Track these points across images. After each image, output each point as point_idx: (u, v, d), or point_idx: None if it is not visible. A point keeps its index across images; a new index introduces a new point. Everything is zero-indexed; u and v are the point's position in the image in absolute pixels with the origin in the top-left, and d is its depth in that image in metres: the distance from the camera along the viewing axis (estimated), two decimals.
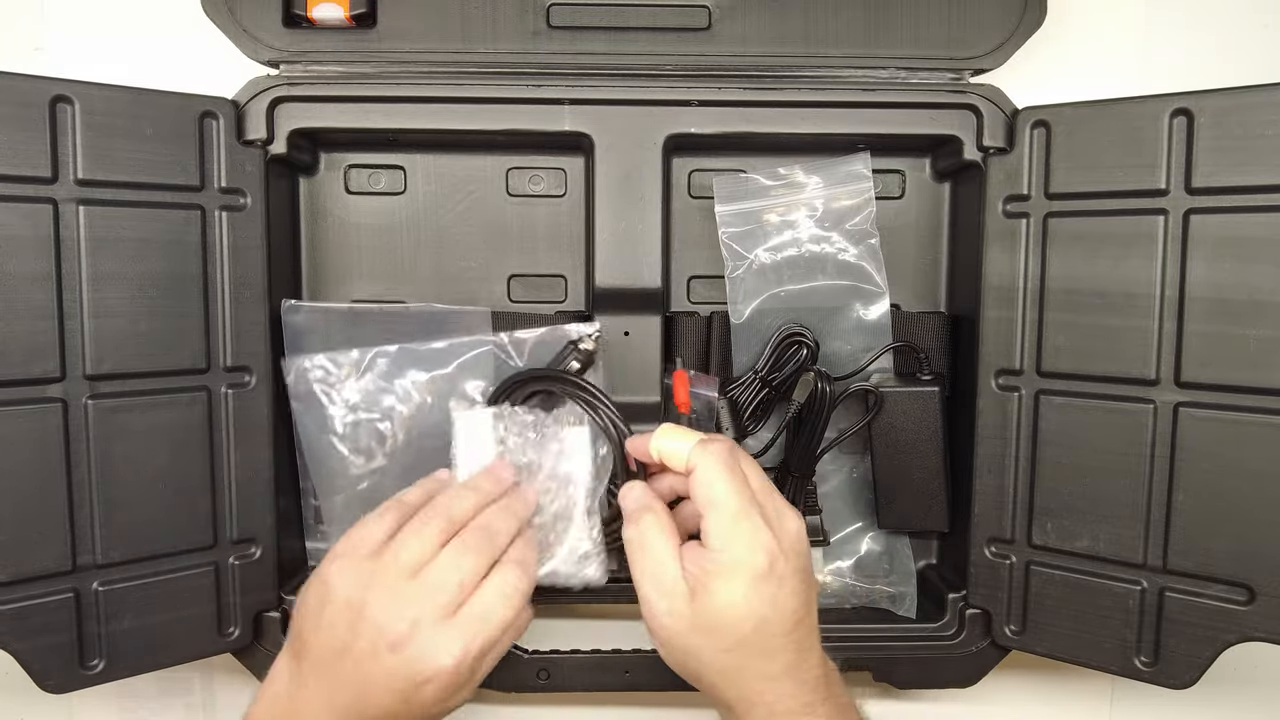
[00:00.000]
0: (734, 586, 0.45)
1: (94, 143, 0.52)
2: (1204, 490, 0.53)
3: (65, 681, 0.53)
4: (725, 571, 0.45)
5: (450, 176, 0.64)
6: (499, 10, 0.58)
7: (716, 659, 0.46)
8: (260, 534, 0.59)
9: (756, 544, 0.45)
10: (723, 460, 0.47)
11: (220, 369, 0.57)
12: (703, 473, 0.47)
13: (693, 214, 0.64)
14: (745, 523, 0.45)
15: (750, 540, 0.45)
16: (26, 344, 0.51)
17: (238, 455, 0.57)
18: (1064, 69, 0.65)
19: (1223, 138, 0.51)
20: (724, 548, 0.45)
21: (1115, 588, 0.56)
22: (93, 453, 0.53)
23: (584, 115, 0.59)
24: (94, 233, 0.52)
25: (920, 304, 0.65)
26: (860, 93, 0.59)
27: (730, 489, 0.46)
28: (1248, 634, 0.52)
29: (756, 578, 0.45)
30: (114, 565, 0.54)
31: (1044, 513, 0.58)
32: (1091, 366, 0.55)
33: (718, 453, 0.47)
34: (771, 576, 0.45)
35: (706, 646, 0.46)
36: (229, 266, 0.57)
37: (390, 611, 0.45)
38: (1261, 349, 0.51)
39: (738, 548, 0.45)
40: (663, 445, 0.50)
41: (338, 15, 0.57)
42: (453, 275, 0.65)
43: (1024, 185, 0.57)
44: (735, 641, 0.45)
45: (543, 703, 0.68)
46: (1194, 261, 0.52)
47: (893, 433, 0.62)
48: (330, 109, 0.58)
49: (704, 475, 0.47)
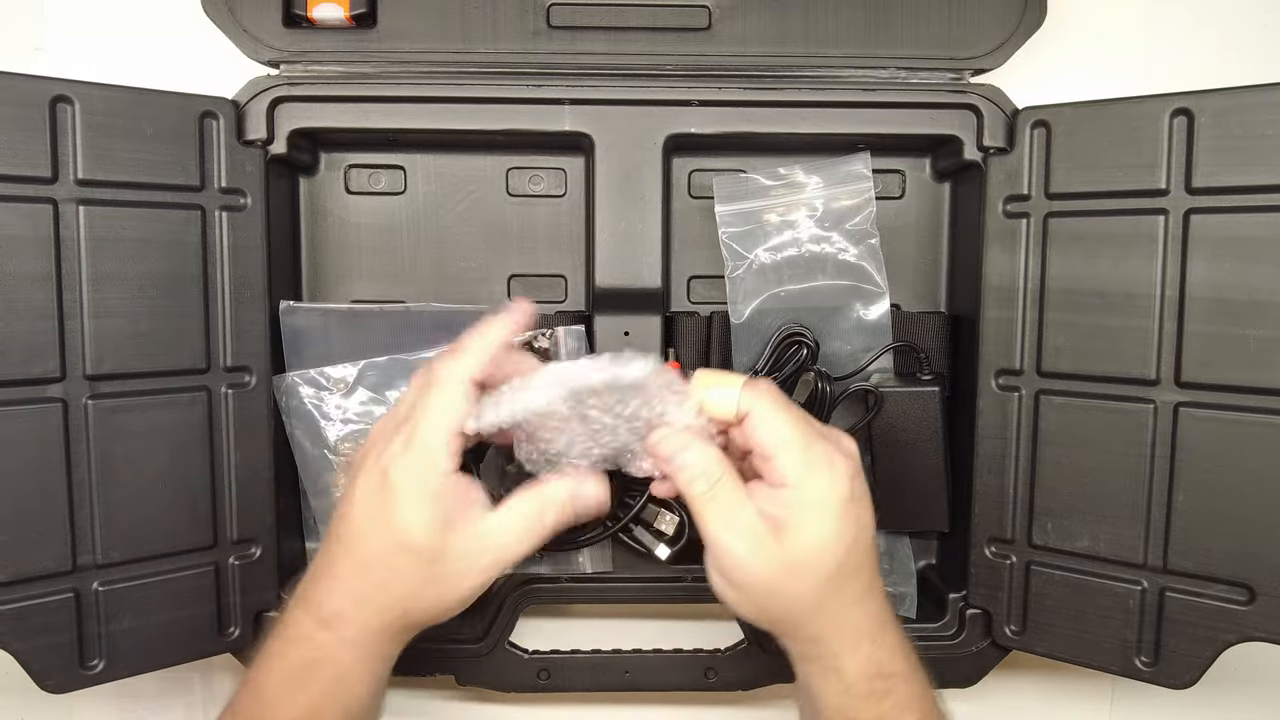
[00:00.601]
0: (824, 519, 0.44)
1: (94, 143, 0.52)
2: (1204, 490, 0.53)
3: (65, 681, 0.53)
4: (812, 506, 0.44)
5: (450, 176, 0.64)
6: (499, 10, 0.58)
7: (809, 592, 0.45)
8: (260, 534, 0.59)
9: (835, 472, 0.45)
10: (776, 398, 0.46)
11: (220, 369, 0.57)
12: (762, 415, 0.45)
13: (693, 214, 0.64)
14: (819, 455, 0.45)
15: (828, 470, 0.45)
16: (26, 344, 0.51)
17: (238, 455, 0.57)
18: (1064, 69, 0.65)
19: (1223, 138, 0.51)
20: (802, 483, 0.44)
21: (1115, 588, 0.56)
22: (93, 453, 0.53)
23: (584, 115, 0.59)
24: (94, 233, 0.52)
25: (920, 304, 0.65)
26: (860, 93, 0.59)
27: (793, 424, 0.45)
28: (1248, 634, 0.52)
29: (843, 504, 0.45)
30: (114, 565, 0.54)
31: (1044, 513, 0.58)
32: (1092, 366, 0.55)
33: (769, 391, 0.46)
34: (853, 499, 0.45)
35: (798, 582, 0.45)
36: (229, 266, 0.57)
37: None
38: (1262, 349, 0.51)
39: (819, 480, 0.45)
40: (707, 396, 0.47)
41: (338, 15, 0.57)
42: (453, 275, 0.65)
43: (1024, 185, 0.57)
44: (830, 572, 0.45)
45: (543, 702, 0.68)
46: (1194, 261, 0.52)
47: (893, 433, 0.62)
48: (330, 109, 0.58)
49: (764, 417, 0.45)
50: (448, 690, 0.66)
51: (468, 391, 0.45)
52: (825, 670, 0.46)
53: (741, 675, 0.63)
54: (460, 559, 0.44)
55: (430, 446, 0.44)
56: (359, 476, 0.46)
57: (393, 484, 0.44)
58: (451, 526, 0.44)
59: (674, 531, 0.60)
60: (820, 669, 0.47)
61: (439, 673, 0.62)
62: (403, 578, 0.44)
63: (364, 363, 0.61)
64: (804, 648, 0.47)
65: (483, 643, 0.62)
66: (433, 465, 0.44)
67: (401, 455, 0.44)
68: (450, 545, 0.44)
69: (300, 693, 0.45)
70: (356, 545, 0.45)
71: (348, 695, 0.45)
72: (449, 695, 0.68)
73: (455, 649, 0.61)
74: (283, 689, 0.45)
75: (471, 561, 0.45)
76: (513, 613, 0.62)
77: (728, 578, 0.46)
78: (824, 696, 0.47)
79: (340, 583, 0.45)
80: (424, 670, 0.61)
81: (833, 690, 0.46)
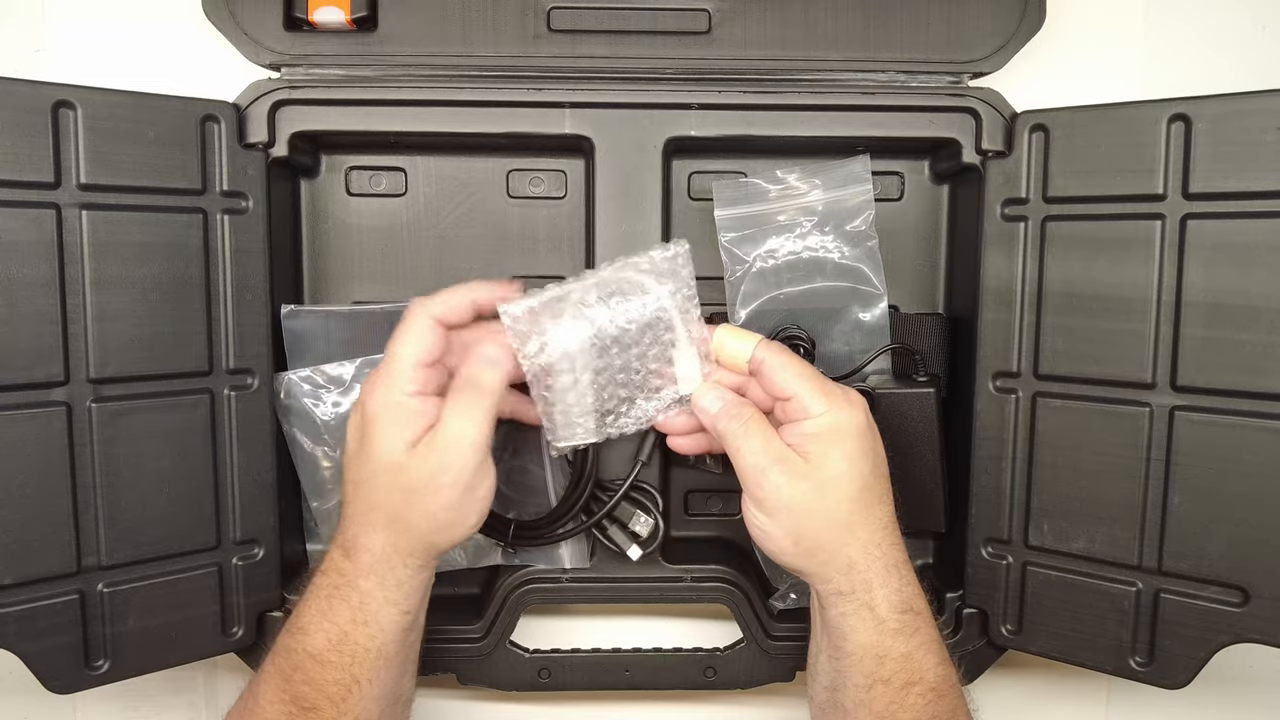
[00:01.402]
0: (847, 439, 0.49)
1: (96, 147, 0.52)
2: (1199, 493, 0.53)
3: (71, 682, 0.53)
4: (837, 429, 0.49)
5: (451, 179, 0.64)
6: (500, 13, 0.59)
7: (842, 510, 0.49)
8: (263, 534, 0.59)
9: (852, 405, 0.50)
10: (787, 350, 0.52)
11: (223, 371, 0.57)
12: (776, 359, 0.51)
13: (692, 216, 0.65)
14: (836, 390, 0.50)
15: (846, 402, 0.50)
16: (30, 348, 0.51)
17: (240, 457, 0.58)
18: (1063, 73, 0.65)
19: (1220, 143, 0.51)
20: (824, 410, 0.49)
21: (1111, 589, 0.56)
22: (97, 456, 0.53)
23: (584, 118, 0.59)
24: (97, 237, 0.52)
25: (919, 306, 0.66)
26: (859, 96, 0.59)
27: (807, 367, 0.51)
28: (1241, 635, 0.53)
29: (863, 428, 0.50)
30: (118, 567, 0.54)
31: (1041, 514, 0.58)
32: (1088, 369, 0.56)
33: (781, 345, 0.52)
34: (870, 426, 0.51)
35: (829, 499, 0.49)
36: (231, 269, 0.57)
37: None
38: (1257, 354, 0.51)
39: (839, 409, 0.49)
40: (725, 344, 0.53)
41: (338, 18, 0.57)
42: (454, 277, 0.64)
43: (1022, 189, 0.57)
44: (858, 489, 0.49)
45: (543, 701, 0.68)
46: (1191, 266, 0.53)
47: (890, 433, 0.61)
48: (331, 112, 0.59)
49: (779, 360, 0.51)
50: (449, 689, 0.67)
51: (433, 326, 0.50)
52: (859, 607, 0.49)
53: (741, 674, 0.63)
54: (428, 468, 0.48)
55: (395, 375, 0.49)
56: (352, 415, 0.51)
57: (367, 413, 0.50)
58: (415, 443, 0.48)
59: (648, 534, 0.61)
60: (854, 605, 0.49)
61: (440, 671, 0.62)
62: (388, 496, 0.49)
63: (360, 360, 0.61)
64: (839, 580, 0.49)
65: (484, 642, 0.62)
66: (397, 389, 0.49)
67: (373, 388, 0.50)
68: (416, 457, 0.48)
69: (328, 620, 0.49)
70: (351, 474, 0.51)
71: (373, 622, 0.49)
72: (450, 694, 0.69)
73: (456, 648, 0.62)
74: (315, 617, 0.50)
75: (439, 467, 0.48)
76: (513, 612, 0.63)
77: (764, 507, 0.50)
78: (856, 635, 0.49)
79: (350, 510, 0.50)
80: (426, 669, 0.61)
81: (866, 627, 0.49)
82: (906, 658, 0.49)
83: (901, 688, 0.49)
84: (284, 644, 0.50)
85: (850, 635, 0.49)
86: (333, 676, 0.49)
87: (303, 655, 0.49)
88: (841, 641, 0.50)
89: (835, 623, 0.50)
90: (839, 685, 0.51)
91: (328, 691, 0.48)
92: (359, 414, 0.50)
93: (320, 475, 0.62)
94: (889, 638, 0.49)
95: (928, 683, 0.49)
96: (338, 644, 0.49)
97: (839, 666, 0.51)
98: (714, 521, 0.67)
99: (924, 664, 0.49)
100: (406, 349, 0.50)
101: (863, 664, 0.49)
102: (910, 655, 0.49)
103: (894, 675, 0.49)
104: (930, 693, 0.49)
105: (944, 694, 0.50)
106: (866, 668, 0.49)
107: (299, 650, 0.49)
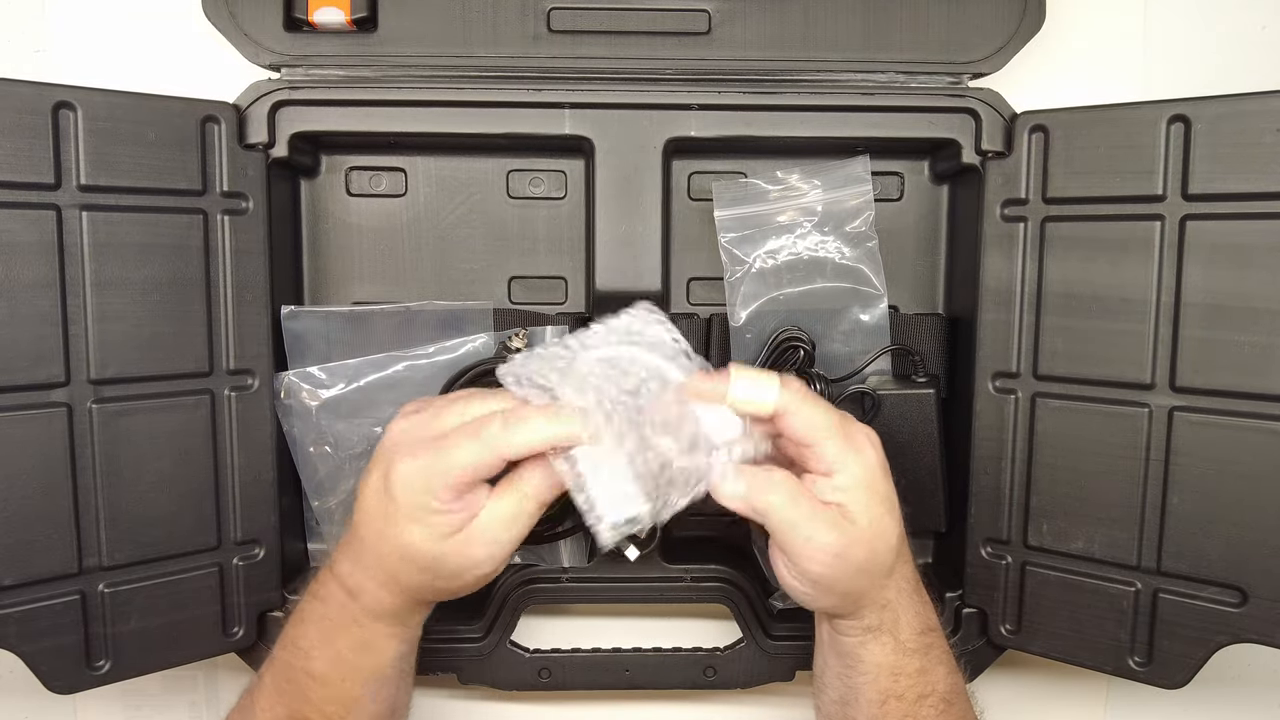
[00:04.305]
0: (876, 489, 0.48)
1: (97, 148, 0.52)
2: (1198, 493, 0.53)
3: (72, 683, 0.53)
4: (866, 482, 0.48)
5: (451, 179, 0.64)
6: (499, 14, 0.59)
7: (889, 556, 0.49)
8: (264, 535, 0.59)
9: (870, 448, 0.49)
10: (807, 393, 0.49)
11: (223, 372, 0.57)
12: (799, 409, 0.48)
13: (692, 216, 0.65)
14: (855, 435, 0.49)
15: (867, 447, 0.49)
16: (31, 349, 0.51)
17: (241, 457, 0.58)
18: (1062, 73, 0.65)
19: (1220, 144, 0.52)
20: (849, 465, 0.47)
21: (1110, 589, 0.56)
22: (97, 456, 0.53)
23: (584, 119, 0.59)
24: (97, 238, 0.52)
25: (918, 306, 0.66)
26: (859, 96, 0.59)
27: (827, 414, 0.48)
28: (1240, 635, 0.53)
29: (884, 472, 0.49)
30: (120, 567, 0.54)
31: (1040, 514, 0.58)
32: (1088, 370, 0.56)
33: (801, 388, 0.49)
34: (886, 466, 0.50)
35: (879, 552, 0.48)
36: (231, 270, 0.57)
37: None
38: (1256, 355, 0.51)
39: (863, 458, 0.48)
40: (745, 395, 0.47)
41: (338, 19, 0.57)
42: (454, 277, 0.65)
43: (1022, 189, 0.58)
44: (899, 534, 0.49)
45: (544, 701, 0.69)
46: (1190, 267, 0.53)
47: (890, 434, 0.62)
48: (331, 112, 0.59)
49: (802, 410, 0.48)
50: (450, 689, 0.67)
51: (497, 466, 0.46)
52: (884, 634, 0.49)
53: (741, 673, 0.64)
54: (457, 559, 0.47)
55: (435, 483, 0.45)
56: (373, 471, 0.48)
57: (395, 498, 0.46)
58: (446, 536, 0.46)
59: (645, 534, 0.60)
60: (879, 634, 0.49)
61: (440, 671, 0.62)
62: (408, 575, 0.47)
63: (360, 360, 0.61)
64: (874, 617, 0.49)
65: (484, 642, 0.62)
66: (434, 499, 0.45)
67: (410, 475, 0.46)
68: (447, 549, 0.46)
69: (330, 646, 0.49)
70: (369, 541, 0.48)
71: (375, 652, 0.49)
72: (451, 694, 0.69)
73: (457, 648, 0.62)
74: (318, 642, 0.49)
75: (468, 559, 0.47)
76: (514, 612, 0.63)
77: (815, 574, 0.47)
78: (876, 658, 0.49)
79: (360, 565, 0.48)
80: (426, 669, 0.61)
81: (887, 649, 0.49)
82: (921, 672, 0.49)
83: (915, 701, 0.49)
84: (282, 659, 0.50)
85: (868, 658, 0.50)
86: (331, 694, 0.48)
87: (301, 673, 0.49)
88: (856, 662, 0.50)
89: (852, 649, 0.50)
90: (850, 700, 0.51)
91: (325, 710, 0.48)
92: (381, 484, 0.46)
93: (320, 475, 0.62)
94: (905, 656, 0.49)
95: (939, 694, 0.50)
96: (337, 665, 0.49)
97: (851, 683, 0.50)
98: (714, 521, 0.67)
99: (936, 675, 0.50)
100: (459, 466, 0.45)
101: (878, 681, 0.49)
102: (924, 670, 0.49)
103: (908, 690, 0.49)
104: (941, 703, 0.50)
105: (954, 702, 0.50)
106: (882, 685, 0.49)
107: (298, 668, 0.49)
